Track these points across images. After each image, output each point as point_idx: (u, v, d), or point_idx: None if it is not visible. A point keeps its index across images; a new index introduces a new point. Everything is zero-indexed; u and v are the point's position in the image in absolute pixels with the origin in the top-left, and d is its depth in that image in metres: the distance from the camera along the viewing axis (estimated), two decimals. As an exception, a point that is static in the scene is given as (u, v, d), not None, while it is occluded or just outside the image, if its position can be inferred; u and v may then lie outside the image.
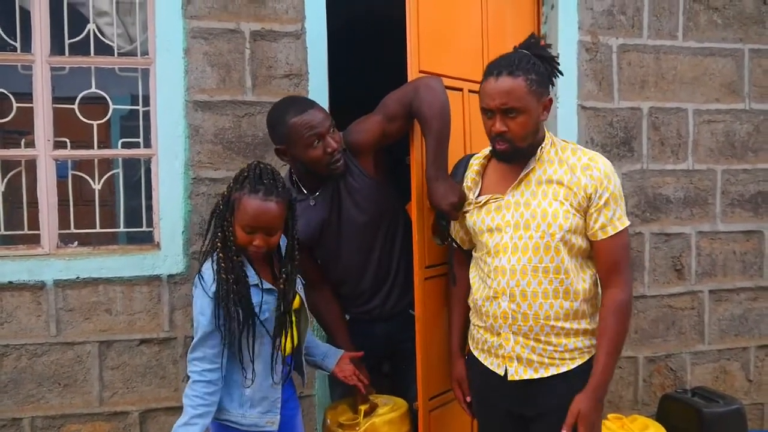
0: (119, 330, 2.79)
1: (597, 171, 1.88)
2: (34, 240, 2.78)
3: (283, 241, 2.08)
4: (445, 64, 2.44)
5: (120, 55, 2.86)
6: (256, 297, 1.98)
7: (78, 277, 2.74)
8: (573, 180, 1.89)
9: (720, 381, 3.42)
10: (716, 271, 3.39)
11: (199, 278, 1.97)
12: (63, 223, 2.81)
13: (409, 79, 2.28)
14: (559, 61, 2.00)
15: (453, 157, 2.47)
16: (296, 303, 2.12)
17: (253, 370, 2.01)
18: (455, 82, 2.49)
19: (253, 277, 2.00)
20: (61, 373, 2.76)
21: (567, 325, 1.91)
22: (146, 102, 2.85)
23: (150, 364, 2.81)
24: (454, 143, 2.48)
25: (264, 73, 2.85)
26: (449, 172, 2.22)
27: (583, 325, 1.94)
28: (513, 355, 1.95)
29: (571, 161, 1.91)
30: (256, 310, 1.98)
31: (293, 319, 2.11)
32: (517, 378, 1.95)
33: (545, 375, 1.93)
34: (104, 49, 2.84)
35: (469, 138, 2.55)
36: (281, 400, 2.09)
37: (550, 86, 1.97)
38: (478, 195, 2.05)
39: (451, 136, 2.47)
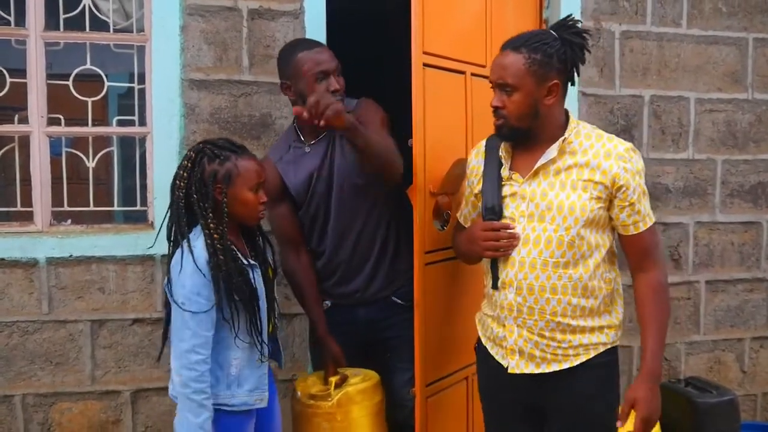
0: (112, 309, 2.76)
1: (630, 164, 1.83)
2: (27, 217, 2.75)
3: None
4: (447, 46, 2.40)
5: (116, 31, 2.81)
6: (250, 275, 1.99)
7: (71, 255, 2.71)
8: (600, 168, 1.82)
9: (714, 372, 3.42)
10: (713, 261, 3.38)
11: (187, 256, 1.92)
12: (56, 200, 2.78)
13: (413, 59, 2.22)
14: (589, 49, 1.93)
15: (453, 145, 2.45)
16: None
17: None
18: (458, 65, 2.46)
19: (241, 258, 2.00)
20: (53, 351, 2.74)
21: (574, 322, 1.86)
22: (142, 80, 2.81)
23: (142, 344, 2.79)
24: (454, 128, 2.46)
25: (261, 52, 2.81)
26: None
27: (594, 322, 1.89)
28: (515, 348, 1.90)
29: (604, 149, 1.84)
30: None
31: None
32: (517, 371, 1.91)
33: (546, 371, 1.88)
34: (100, 25, 2.79)
35: (471, 122, 2.52)
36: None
37: (574, 73, 1.90)
38: (509, 168, 1.95)
39: (452, 123, 2.45)
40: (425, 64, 2.27)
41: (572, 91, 3.07)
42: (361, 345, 2.49)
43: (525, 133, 1.88)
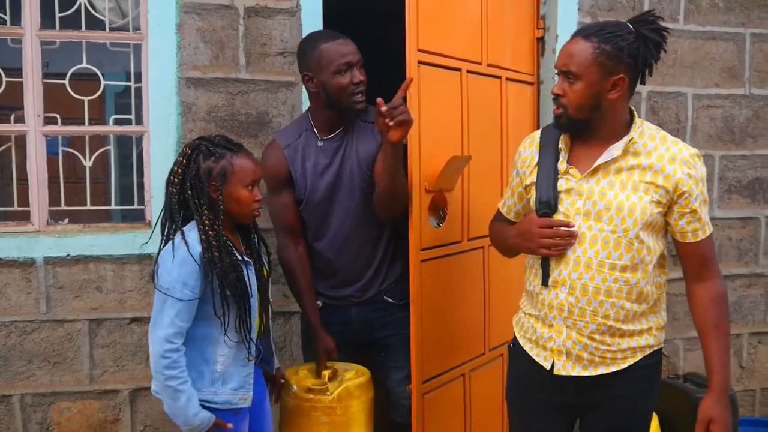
0: (110, 308, 2.76)
1: (695, 171, 1.77)
2: (24, 217, 2.75)
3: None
4: (443, 43, 2.40)
5: (111, 30, 2.80)
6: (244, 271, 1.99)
7: (68, 255, 2.71)
8: (664, 172, 1.76)
9: (712, 367, 3.41)
10: (711, 257, 3.37)
11: (180, 246, 1.91)
12: (53, 199, 2.78)
13: (408, 56, 2.21)
14: (666, 48, 1.82)
15: (448, 142, 2.45)
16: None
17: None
18: (453, 62, 2.45)
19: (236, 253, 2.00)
20: (51, 351, 2.74)
21: (624, 326, 1.82)
22: (138, 78, 2.80)
23: (141, 343, 2.79)
24: (449, 127, 2.46)
25: (258, 50, 2.80)
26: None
27: (642, 324, 1.85)
28: (563, 350, 1.85)
29: (669, 153, 1.78)
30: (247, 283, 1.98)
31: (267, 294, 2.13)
32: (563, 373, 1.85)
33: (593, 373, 1.84)
34: (96, 24, 2.79)
35: (467, 119, 2.52)
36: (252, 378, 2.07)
37: (646, 70, 1.81)
38: (567, 161, 1.87)
39: (448, 120, 2.45)
40: (420, 62, 2.27)
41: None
42: (354, 345, 2.47)
43: (584, 125, 1.81)
